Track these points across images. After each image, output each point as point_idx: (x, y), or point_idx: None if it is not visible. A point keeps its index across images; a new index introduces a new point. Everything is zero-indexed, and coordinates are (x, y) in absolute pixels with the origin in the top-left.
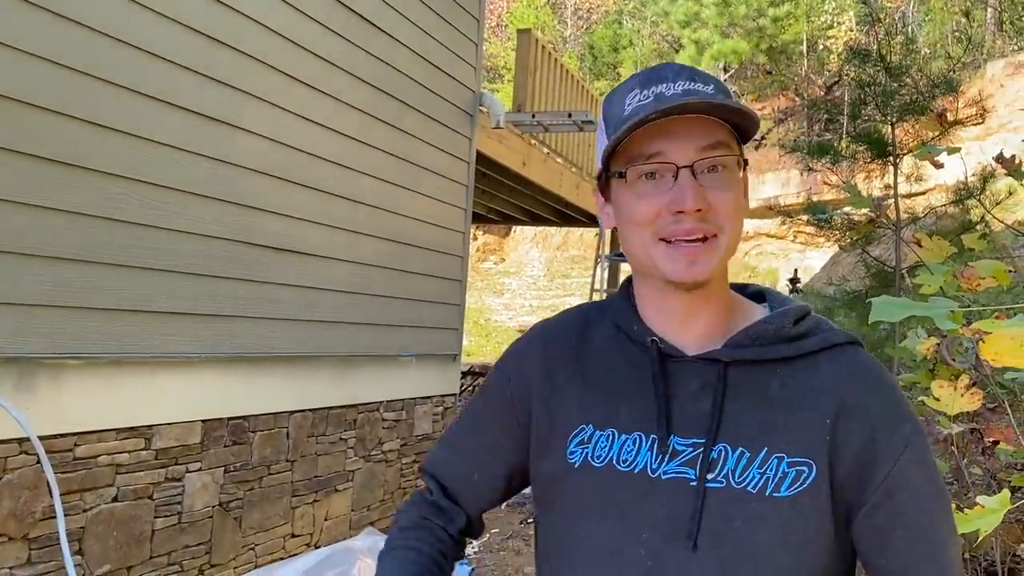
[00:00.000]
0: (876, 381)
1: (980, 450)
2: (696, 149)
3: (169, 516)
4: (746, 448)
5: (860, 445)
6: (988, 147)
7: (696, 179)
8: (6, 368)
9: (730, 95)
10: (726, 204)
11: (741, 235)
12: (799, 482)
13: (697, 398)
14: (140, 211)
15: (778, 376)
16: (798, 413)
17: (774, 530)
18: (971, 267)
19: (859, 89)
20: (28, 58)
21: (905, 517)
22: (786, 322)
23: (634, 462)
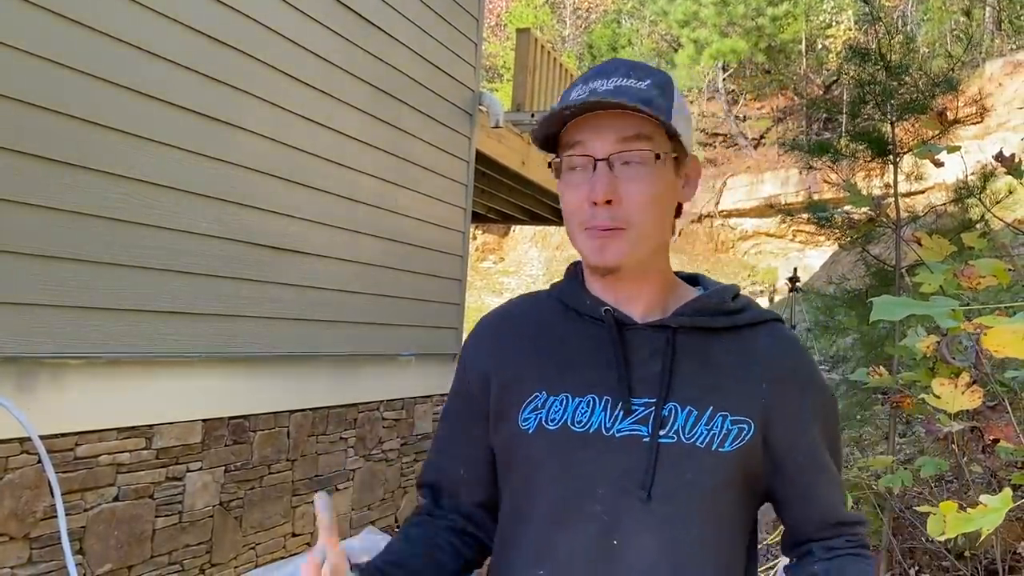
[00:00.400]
0: (801, 353)
1: (980, 448)
2: (613, 141)
3: (170, 515)
4: (694, 407)
5: (791, 410)
6: (987, 146)
7: (612, 171)
8: (7, 368)
9: (666, 93)
10: (637, 196)
11: (659, 225)
12: (740, 438)
13: (648, 362)
14: (140, 211)
15: (721, 343)
16: (739, 376)
17: (719, 481)
18: (971, 265)
19: (859, 88)
20: (28, 57)
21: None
22: (726, 297)
23: (588, 423)
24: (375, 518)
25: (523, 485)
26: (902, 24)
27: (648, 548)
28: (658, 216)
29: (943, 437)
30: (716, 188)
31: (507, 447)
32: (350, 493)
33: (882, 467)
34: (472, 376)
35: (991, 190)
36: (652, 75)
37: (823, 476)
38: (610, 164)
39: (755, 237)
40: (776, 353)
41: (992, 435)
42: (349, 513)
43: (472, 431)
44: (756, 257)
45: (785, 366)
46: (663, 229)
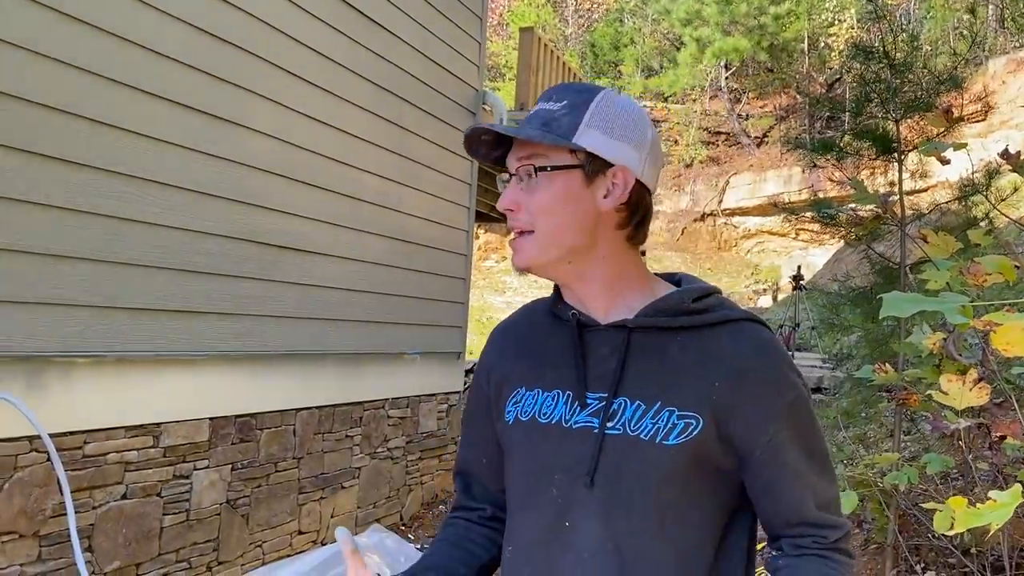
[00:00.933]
0: (766, 352)
1: (987, 445)
2: (516, 160)
3: (177, 513)
4: (643, 402)
5: (749, 407)
6: (990, 144)
7: (520, 184)
8: (17, 367)
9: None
10: (534, 204)
11: (562, 228)
12: (686, 433)
13: (607, 359)
14: (147, 210)
15: (678, 342)
16: (692, 373)
17: (660, 471)
18: (977, 263)
19: (862, 86)
20: (37, 58)
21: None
22: (685, 298)
23: (552, 414)
24: (381, 516)
25: (508, 472)
26: (906, 22)
27: (592, 532)
28: (562, 223)
29: (949, 434)
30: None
31: (501, 439)
32: (356, 491)
33: (888, 464)
34: (482, 376)
35: (996, 187)
36: (573, 96)
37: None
38: (520, 177)
39: (758, 235)
40: (734, 352)
41: (999, 432)
42: (355, 511)
43: (487, 425)
44: (759, 255)
45: (742, 364)
46: (576, 234)
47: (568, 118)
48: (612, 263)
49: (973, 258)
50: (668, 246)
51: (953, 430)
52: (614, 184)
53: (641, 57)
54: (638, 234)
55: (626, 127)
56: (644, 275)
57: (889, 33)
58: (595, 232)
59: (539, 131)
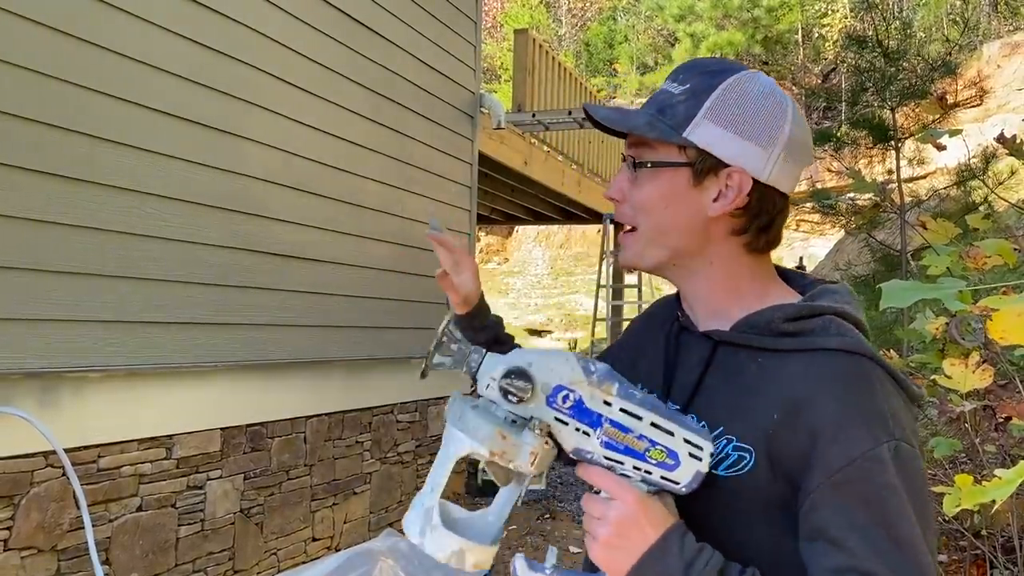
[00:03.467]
0: (844, 389)
1: (993, 427)
2: (627, 144)
3: (192, 524)
4: (707, 424)
5: (800, 447)
6: (987, 129)
7: (630, 171)
8: (30, 383)
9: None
10: (639, 198)
11: (666, 229)
12: (737, 467)
13: (692, 370)
14: (152, 224)
15: (757, 363)
16: (755, 400)
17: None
18: (977, 247)
19: (857, 75)
20: (36, 76)
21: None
22: (776, 315)
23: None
24: (393, 520)
25: None
26: (898, 10)
27: None
28: (663, 224)
29: (956, 417)
30: None
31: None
32: (368, 496)
33: None
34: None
35: (993, 171)
36: (699, 79)
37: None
38: (629, 165)
39: None
40: (807, 382)
41: (1004, 413)
42: (367, 516)
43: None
44: None
45: (811, 398)
46: (680, 237)
47: (684, 107)
48: (721, 270)
49: (972, 242)
50: None
51: (959, 413)
52: (727, 187)
53: (636, 54)
54: (759, 240)
55: (753, 121)
56: (763, 284)
57: (882, 22)
58: (704, 236)
59: (648, 120)
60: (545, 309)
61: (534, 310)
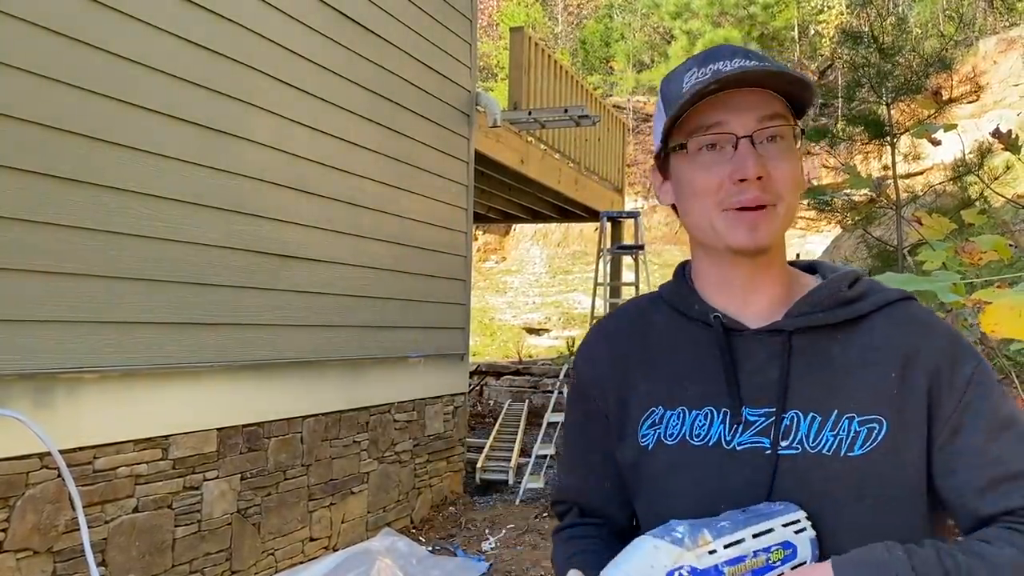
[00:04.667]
0: (931, 328)
1: None
2: (755, 120)
3: (189, 524)
4: (817, 412)
5: (926, 388)
6: (983, 124)
7: (755, 149)
8: (24, 384)
9: (785, 69)
10: (784, 173)
11: (798, 205)
12: (871, 439)
13: (765, 369)
14: (148, 224)
15: (838, 340)
16: (863, 372)
17: (849, 489)
18: (972, 242)
19: (853, 71)
20: (33, 78)
21: (970, 449)
22: (842, 286)
23: (707, 436)
24: (391, 519)
25: (647, 504)
26: (893, 6)
27: None
28: (798, 196)
29: None
30: None
31: (630, 465)
32: (365, 496)
33: None
34: (590, 388)
35: (989, 167)
36: (764, 57)
37: (970, 449)
38: (753, 141)
39: None
40: (901, 334)
41: None
42: (365, 516)
43: (605, 443)
44: None
45: (911, 347)
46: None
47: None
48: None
49: (968, 238)
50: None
51: None
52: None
53: (632, 52)
54: None
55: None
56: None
57: (877, 18)
58: None
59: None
60: (543, 307)
61: (532, 308)
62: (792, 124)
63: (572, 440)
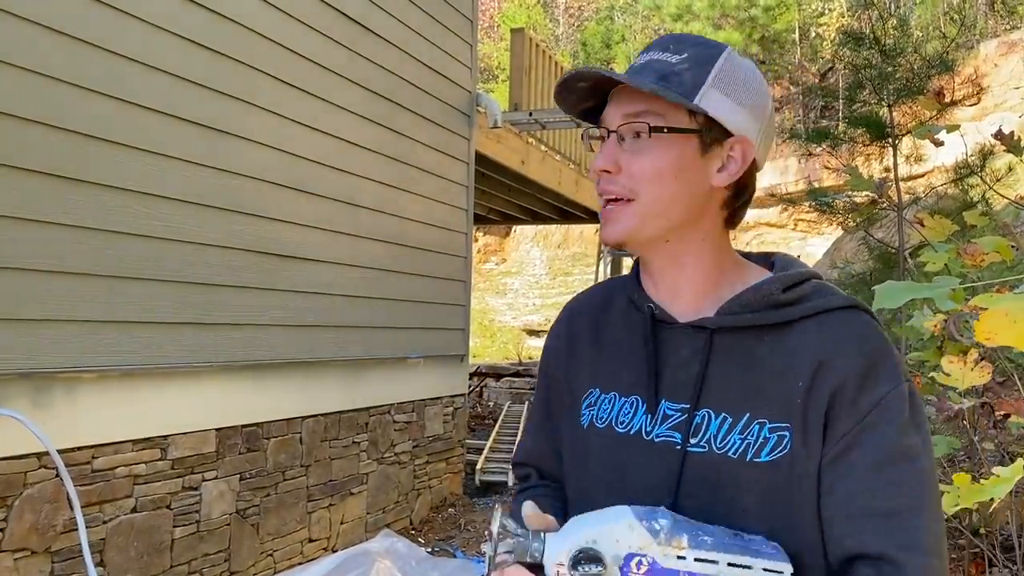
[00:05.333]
0: (859, 342)
1: (992, 424)
2: (620, 116)
3: (188, 525)
4: (728, 414)
5: (827, 403)
6: (984, 127)
7: (622, 144)
8: (22, 384)
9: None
10: (639, 168)
11: (669, 201)
12: (780, 447)
13: (687, 364)
14: (147, 223)
15: (765, 342)
16: (780, 378)
17: (752, 495)
18: (974, 243)
19: (854, 73)
20: (34, 76)
21: (853, 473)
22: (774, 288)
23: (631, 424)
24: (390, 520)
25: (573, 479)
26: (895, 8)
27: None
28: (670, 193)
29: (954, 415)
30: None
31: (567, 439)
32: (364, 497)
33: None
34: (550, 360)
35: (991, 168)
36: (696, 49)
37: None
38: (621, 136)
39: (756, 228)
40: (825, 344)
41: (1003, 410)
42: (364, 517)
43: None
44: (758, 248)
45: (824, 355)
46: (678, 207)
47: (690, 74)
48: (710, 247)
49: (970, 239)
50: None
51: (958, 411)
52: (731, 157)
53: (633, 54)
54: (737, 217)
55: (750, 93)
56: (738, 261)
57: (879, 20)
58: (702, 209)
59: (659, 84)
60: (543, 309)
61: (532, 310)
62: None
63: (536, 407)
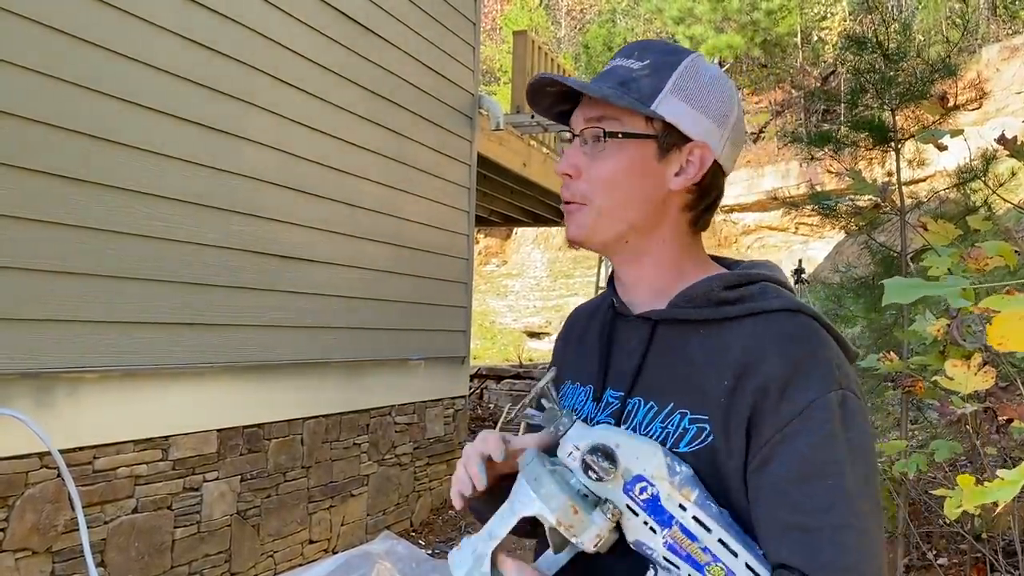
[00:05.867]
0: (788, 344)
1: (994, 429)
2: (583, 120)
3: (189, 526)
4: (655, 402)
5: (749, 406)
6: (986, 132)
7: (584, 148)
8: (25, 384)
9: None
10: (596, 172)
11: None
12: (699, 439)
13: (632, 354)
14: (149, 224)
15: (699, 336)
16: (705, 372)
17: None
18: (978, 247)
19: (857, 76)
20: (35, 75)
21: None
22: (714, 285)
23: (582, 412)
24: (391, 523)
25: None
26: (897, 12)
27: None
28: (624, 198)
29: (956, 420)
30: None
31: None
32: (365, 498)
33: (896, 452)
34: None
35: (994, 173)
36: (658, 56)
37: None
38: (584, 140)
39: (758, 231)
40: (754, 344)
41: (1005, 415)
42: (364, 518)
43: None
44: (760, 251)
45: (753, 356)
46: (635, 210)
47: (649, 80)
48: (670, 248)
49: (974, 244)
50: None
51: (960, 415)
52: (689, 162)
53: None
54: (703, 219)
55: (712, 99)
56: (701, 262)
57: (881, 24)
58: (660, 212)
59: (615, 90)
60: (544, 311)
61: (533, 312)
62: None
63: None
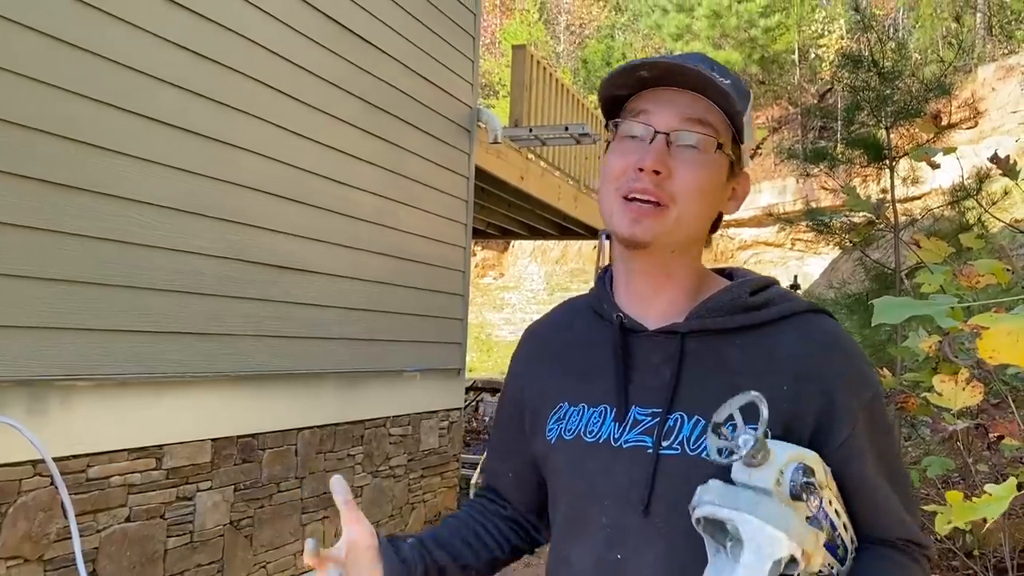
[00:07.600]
0: (835, 346)
1: (986, 446)
2: (678, 118)
3: (181, 535)
4: (702, 416)
5: (819, 409)
6: (981, 150)
7: (669, 148)
8: (18, 391)
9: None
10: (687, 179)
11: (700, 217)
12: None
13: (658, 370)
14: (146, 233)
15: (736, 345)
16: (755, 380)
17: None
18: (970, 265)
19: (853, 94)
20: (24, 80)
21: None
22: (742, 292)
23: (599, 432)
24: (384, 535)
25: (552, 496)
26: (893, 31)
27: (647, 565)
28: (702, 207)
29: (948, 436)
30: None
31: (541, 458)
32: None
33: None
34: (514, 384)
35: (987, 192)
36: (734, 78)
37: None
38: (669, 140)
39: (754, 246)
40: (801, 349)
41: (997, 432)
42: None
43: (518, 437)
44: (756, 266)
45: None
46: (702, 224)
47: (740, 102)
48: (695, 262)
49: (967, 261)
50: None
51: (951, 432)
52: (735, 189)
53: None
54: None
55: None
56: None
57: (877, 43)
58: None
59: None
60: None
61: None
62: (712, 135)
63: (496, 425)
